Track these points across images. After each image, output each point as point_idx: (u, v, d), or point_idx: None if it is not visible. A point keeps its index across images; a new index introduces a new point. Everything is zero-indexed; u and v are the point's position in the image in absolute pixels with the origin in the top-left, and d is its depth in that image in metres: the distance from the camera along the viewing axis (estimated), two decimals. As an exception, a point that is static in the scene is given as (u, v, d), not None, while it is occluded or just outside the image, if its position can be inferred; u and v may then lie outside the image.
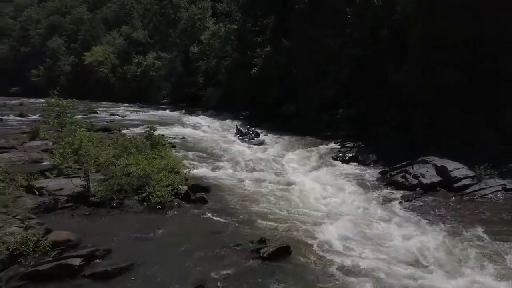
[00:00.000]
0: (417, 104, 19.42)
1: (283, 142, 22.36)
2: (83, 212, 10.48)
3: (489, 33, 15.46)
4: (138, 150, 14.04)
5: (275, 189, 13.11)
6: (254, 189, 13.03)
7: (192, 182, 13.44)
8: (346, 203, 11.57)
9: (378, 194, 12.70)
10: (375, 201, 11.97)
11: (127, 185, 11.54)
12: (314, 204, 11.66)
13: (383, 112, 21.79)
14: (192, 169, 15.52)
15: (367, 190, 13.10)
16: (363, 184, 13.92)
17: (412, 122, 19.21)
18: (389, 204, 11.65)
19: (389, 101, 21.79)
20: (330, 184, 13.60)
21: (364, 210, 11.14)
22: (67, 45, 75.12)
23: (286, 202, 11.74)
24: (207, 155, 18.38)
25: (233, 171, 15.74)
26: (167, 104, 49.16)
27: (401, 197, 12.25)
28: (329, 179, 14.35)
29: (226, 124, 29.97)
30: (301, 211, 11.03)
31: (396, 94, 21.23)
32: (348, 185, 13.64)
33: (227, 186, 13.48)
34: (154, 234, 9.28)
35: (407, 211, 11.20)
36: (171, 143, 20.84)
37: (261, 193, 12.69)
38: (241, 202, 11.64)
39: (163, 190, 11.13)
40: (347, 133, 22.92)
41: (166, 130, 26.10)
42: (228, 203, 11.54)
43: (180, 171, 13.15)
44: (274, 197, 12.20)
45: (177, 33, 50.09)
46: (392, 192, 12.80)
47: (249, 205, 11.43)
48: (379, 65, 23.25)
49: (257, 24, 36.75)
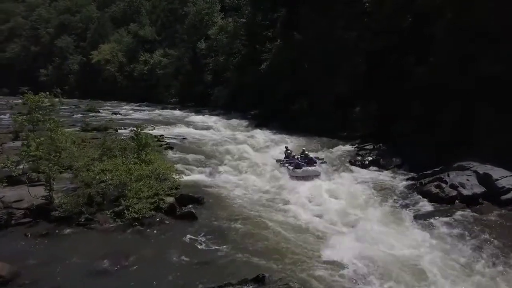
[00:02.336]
0: (445, 99, 17.09)
1: (293, 142, 20.10)
2: (40, 230, 8.45)
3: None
4: (122, 153, 12.04)
5: (281, 202, 10.89)
6: (255, 201, 10.83)
7: (183, 190, 11.35)
8: (371, 222, 9.27)
9: (409, 208, 10.35)
10: (407, 218, 9.62)
11: (100, 196, 9.49)
12: (331, 224, 9.42)
13: (405, 109, 19.43)
14: (187, 174, 13.47)
15: (394, 204, 10.77)
16: (389, 195, 11.60)
17: (440, 119, 16.84)
18: (425, 223, 9.29)
19: (412, 97, 19.44)
20: (349, 195, 11.30)
21: (395, 232, 8.81)
22: (76, 44, 74.18)
23: (295, 220, 9.53)
24: (206, 158, 16.24)
25: (233, 176, 13.58)
26: (175, 103, 47.39)
27: (438, 212, 9.90)
28: (347, 189, 12.03)
29: (231, 125, 27.81)
30: (313, 233, 8.80)
31: (420, 89, 18.90)
32: (370, 196, 11.34)
33: (224, 196, 11.33)
34: (122, 265, 7.18)
35: (449, 233, 8.83)
36: (168, 143, 18.93)
37: (264, 205, 10.52)
38: (238, 220, 9.41)
39: (142, 204, 9.05)
40: (365, 133, 20.63)
41: (167, 130, 24.22)
42: (222, 221, 9.34)
43: (169, 178, 11.07)
44: (281, 213, 9.98)
45: (184, 29, 48.21)
46: (425, 205, 10.44)
47: (248, 223, 9.22)
48: (400, 58, 20.95)
49: (267, 18, 34.76)
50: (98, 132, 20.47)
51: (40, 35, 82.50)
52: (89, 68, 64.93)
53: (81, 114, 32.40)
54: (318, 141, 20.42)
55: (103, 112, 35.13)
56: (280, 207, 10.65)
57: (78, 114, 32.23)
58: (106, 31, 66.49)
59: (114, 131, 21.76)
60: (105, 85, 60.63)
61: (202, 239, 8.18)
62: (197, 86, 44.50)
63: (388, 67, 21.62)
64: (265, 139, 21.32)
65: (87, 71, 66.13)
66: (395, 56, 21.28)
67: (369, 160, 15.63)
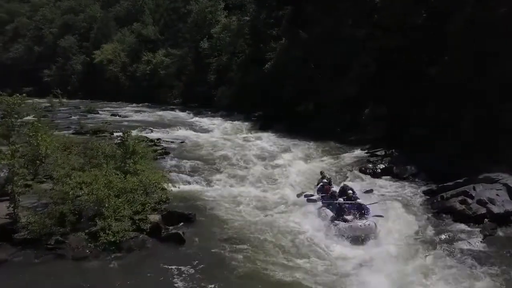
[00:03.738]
0: (463, 101, 15.76)
1: (299, 148, 18.77)
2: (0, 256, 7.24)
3: None
4: (107, 162, 10.80)
5: (284, 221, 9.55)
6: (255, 219, 9.49)
7: (174, 203, 10.15)
8: (387, 245, 7.92)
9: (430, 228, 8.99)
10: (427, 240, 8.27)
11: (74, 214, 8.25)
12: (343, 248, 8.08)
13: (419, 111, 18.09)
14: (180, 184, 12.21)
15: (412, 221, 9.37)
16: (405, 209, 10.23)
17: (458, 123, 15.47)
18: (451, 248, 7.92)
19: (426, 98, 18.10)
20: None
21: (416, 258, 7.46)
22: (80, 44, 73.28)
23: (300, 244, 8.20)
24: (204, 164, 14.98)
25: (232, 187, 12.29)
26: (178, 104, 46.23)
27: (465, 234, 8.53)
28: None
29: (234, 127, 26.54)
30: (320, 261, 7.48)
31: (434, 90, 17.59)
32: (385, 211, 9.97)
33: (220, 212, 10.03)
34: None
35: (479, 260, 7.48)
36: (164, 148, 17.73)
37: (265, 224, 9.20)
38: (234, 245, 8.05)
39: (121, 225, 7.80)
40: (375, 137, 19.25)
41: (165, 133, 23.07)
42: (214, 246, 7.99)
43: (157, 190, 9.82)
44: (285, 237, 8.58)
45: (187, 28, 47.01)
46: (449, 225, 9.08)
47: (247, 252, 7.81)
48: (412, 57, 19.61)
49: (271, 16, 33.50)
50: (92, 135, 19.27)
51: (43, 35, 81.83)
52: (92, 68, 64.00)
53: (79, 115, 31.34)
54: (326, 146, 19.08)
55: (102, 113, 34.09)
56: (287, 230, 9.04)
57: (76, 115, 31.19)
58: (109, 30, 65.49)
59: (109, 134, 20.58)
60: (108, 85, 59.59)
61: (188, 271, 6.86)
62: (200, 87, 43.33)
63: (400, 67, 20.30)
64: (269, 143, 20.00)
65: (90, 72, 65.19)
66: (407, 55, 19.95)
67: (381, 168, 14.25)
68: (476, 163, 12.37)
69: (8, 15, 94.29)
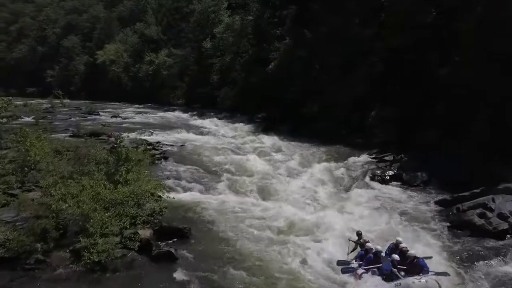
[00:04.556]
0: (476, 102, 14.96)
1: (303, 151, 18.03)
2: (-27, 278, 6.59)
3: None
4: (98, 170, 10.12)
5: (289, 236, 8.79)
6: (254, 237, 8.69)
7: (168, 214, 9.45)
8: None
9: (447, 245, 8.20)
10: (444, 260, 7.49)
11: (56, 229, 7.57)
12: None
13: (430, 113, 17.30)
14: (177, 192, 11.56)
15: (426, 238, 8.56)
16: (417, 222, 9.45)
17: (472, 125, 14.66)
18: (472, 269, 7.15)
19: (437, 99, 17.30)
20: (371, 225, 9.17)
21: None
22: (83, 44, 72.99)
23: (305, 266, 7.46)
24: (203, 170, 14.25)
25: (232, 196, 11.57)
26: (181, 105, 45.60)
27: (485, 251, 7.74)
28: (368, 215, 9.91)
29: (236, 129, 25.82)
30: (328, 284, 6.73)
31: (445, 91, 16.80)
32: (396, 224, 9.21)
33: (218, 225, 9.29)
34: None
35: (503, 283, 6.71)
36: (163, 152, 17.01)
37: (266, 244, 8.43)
38: (229, 266, 7.31)
39: (107, 242, 7.11)
40: (383, 140, 18.45)
41: (165, 136, 22.34)
42: (208, 266, 7.27)
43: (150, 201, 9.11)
44: (295, 262, 7.80)
45: (190, 27, 46.34)
46: (467, 241, 8.29)
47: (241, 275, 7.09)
48: (422, 57, 18.82)
49: (275, 15, 32.76)
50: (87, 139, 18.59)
51: (47, 36, 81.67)
52: (95, 68, 63.60)
53: (79, 117, 30.76)
54: (331, 149, 18.32)
55: (103, 114, 33.47)
56: (295, 249, 8.13)
57: (76, 117, 30.60)
58: (112, 31, 65.08)
59: (107, 137, 19.95)
60: (111, 86, 59.14)
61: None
62: (203, 87, 42.66)
63: (408, 67, 19.50)
64: (273, 147, 19.26)
65: (92, 72, 64.82)
66: (416, 54, 19.16)
67: (390, 174, 13.48)
68: (491, 168, 11.59)
69: (13, 16, 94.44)
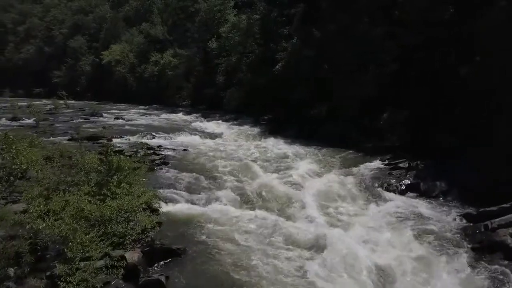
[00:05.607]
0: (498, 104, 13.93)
1: (311, 157, 17.06)
2: None
3: None
4: (88, 180, 9.27)
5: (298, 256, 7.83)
6: (259, 259, 7.69)
7: (162, 231, 8.58)
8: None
9: (477, 271, 7.18)
10: None
11: (31, 253, 6.70)
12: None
13: (446, 116, 16.28)
14: (175, 203, 10.70)
15: (452, 263, 7.54)
16: (440, 241, 8.42)
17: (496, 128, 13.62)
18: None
19: (455, 102, 16.27)
20: (387, 246, 8.18)
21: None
22: (89, 45, 72.70)
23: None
24: (205, 178, 13.31)
25: (235, 208, 10.64)
26: (187, 106, 44.90)
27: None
28: (383, 231, 8.92)
29: (242, 132, 24.91)
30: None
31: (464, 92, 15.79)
32: (415, 244, 8.20)
33: (217, 243, 8.34)
34: None
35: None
36: (164, 157, 16.14)
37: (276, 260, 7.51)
38: None
39: (87, 270, 6.22)
40: (396, 144, 17.47)
41: (168, 139, 21.55)
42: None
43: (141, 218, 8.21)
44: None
45: (195, 27, 45.57)
46: (500, 268, 7.25)
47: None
48: (438, 56, 17.81)
49: (283, 14, 31.86)
50: (88, 143, 17.81)
51: (54, 36, 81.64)
52: (101, 69, 63.21)
53: (82, 119, 30.09)
54: (341, 154, 17.34)
55: (106, 116, 32.79)
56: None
57: (78, 119, 29.93)
58: (118, 31, 64.63)
59: (107, 141, 19.17)
60: (116, 86, 58.63)
61: None
62: (209, 88, 41.90)
63: (422, 67, 18.48)
64: (280, 152, 18.31)
65: (98, 73, 64.44)
66: (431, 54, 18.13)
67: (407, 183, 12.45)
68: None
69: (21, 16, 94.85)
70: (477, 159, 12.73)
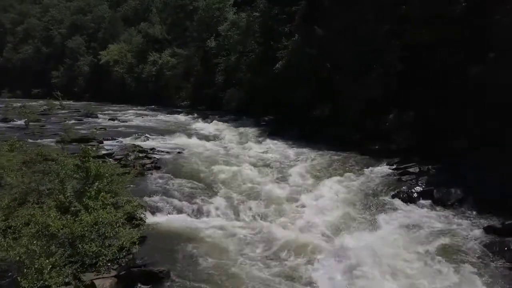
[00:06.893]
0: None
1: (314, 161, 16.00)
2: None
3: None
4: (63, 190, 8.23)
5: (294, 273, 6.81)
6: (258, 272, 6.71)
7: (146, 247, 7.56)
8: None
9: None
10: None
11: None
12: None
13: (457, 117, 15.27)
14: (163, 213, 9.68)
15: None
16: (461, 261, 7.37)
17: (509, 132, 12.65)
18: None
19: (467, 102, 15.25)
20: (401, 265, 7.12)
21: None
22: (87, 45, 71.80)
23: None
24: (199, 184, 12.31)
25: (227, 219, 9.60)
26: (186, 106, 43.92)
27: None
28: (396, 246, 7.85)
29: (241, 133, 23.85)
30: None
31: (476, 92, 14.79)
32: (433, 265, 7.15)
33: (208, 262, 7.27)
34: None
35: None
36: (156, 160, 15.09)
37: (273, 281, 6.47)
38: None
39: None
40: (402, 147, 16.45)
41: (162, 141, 20.54)
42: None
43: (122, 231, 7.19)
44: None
45: (194, 26, 44.57)
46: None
47: None
48: (448, 54, 16.80)
49: (284, 12, 30.80)
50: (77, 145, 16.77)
51: (52, 36, 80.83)
52: (99, 69, 62.30)
53: (75, 120, 29.10)
54: (346, 157, 16.26)
55: (101, 117, 31.81)
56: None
57: (72, 120, 28.93)
58: (117, 30, 63.72)
59: (97, 143, 18.18)
60: (114, 87, 57.74)
61: None
62: (208, 88, 40.94)
63: (431, 65, 17.46)
64: (280, 155, 17.28)
65: (96, 73, 63.54)
66: (440, 52, 17.12)
67: (419, 191, 11.38)
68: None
69: (20, 16, 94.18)
70: (490, 163, 11.73)
